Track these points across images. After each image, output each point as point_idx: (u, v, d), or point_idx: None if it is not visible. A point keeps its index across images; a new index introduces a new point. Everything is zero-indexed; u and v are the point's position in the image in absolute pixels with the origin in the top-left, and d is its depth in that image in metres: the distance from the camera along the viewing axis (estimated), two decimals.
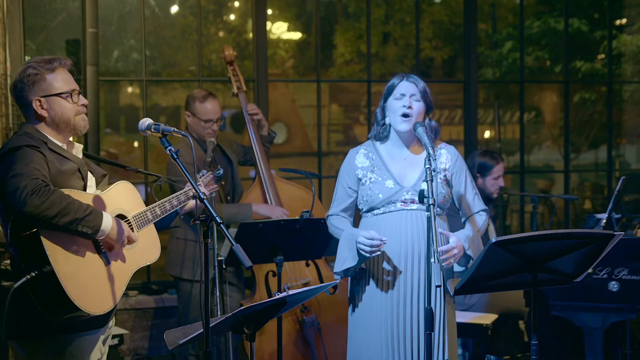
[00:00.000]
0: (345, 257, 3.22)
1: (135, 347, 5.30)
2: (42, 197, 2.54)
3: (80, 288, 2.63)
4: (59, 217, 2.56)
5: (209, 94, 4.52)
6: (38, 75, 2.79)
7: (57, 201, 2.56)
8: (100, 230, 2.67)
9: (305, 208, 4.34)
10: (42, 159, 2.69)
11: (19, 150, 2.67)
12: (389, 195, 3.23)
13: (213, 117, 4.46)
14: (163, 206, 3.06)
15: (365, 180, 3.31)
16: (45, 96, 2.80)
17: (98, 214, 2.68)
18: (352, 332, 3.36)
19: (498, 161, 4.81)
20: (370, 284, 3.27)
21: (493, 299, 4.65)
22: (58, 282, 2.58)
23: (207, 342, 2.54)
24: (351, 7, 8.56)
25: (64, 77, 2.84)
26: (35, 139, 2.75)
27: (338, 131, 9.56)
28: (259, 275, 4.49)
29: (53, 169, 2.72)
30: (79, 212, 2.61)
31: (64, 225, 2.58)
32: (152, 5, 6.97)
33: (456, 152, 3.38)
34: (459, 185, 3.34)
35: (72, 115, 2.84)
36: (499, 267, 2.78)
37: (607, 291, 3.94)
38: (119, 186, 2.96)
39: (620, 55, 7.64)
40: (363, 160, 3.35)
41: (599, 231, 2.95)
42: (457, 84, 7.17)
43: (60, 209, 2.56)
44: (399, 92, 3.27)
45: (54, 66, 2.82)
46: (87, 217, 2.63)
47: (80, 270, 2.67)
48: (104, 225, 2.68)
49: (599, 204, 7.93)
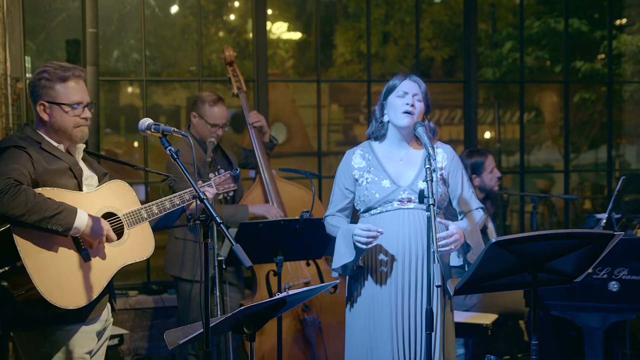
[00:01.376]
0: (343, 253, 3.22)
1: (135, 347, 5.30)
2: (9, 196, 2.64)
3: (51, 283, 2.72)
4: (26, 215, 2.66)
5: (219, 99, 4.51)
6: (49, 81, 2.89)
7: (24, 200, 2.65)
8: (72, 227, 2.74)
9: (305, 208, 4.35)
10: (27, 159, 2.78)
11: (6, 150, 2.79)
12: (386, 195, 3.23)
13: (220, 122, 4.46)
14: (162, 204, 3.07)
15: (362, 180, 3.31)
16: (49, 102, 2.90)
17: (71, 212, 2.74)
18: (350, 331, 3.36)
19: (486, 155, 4.85)
20: (368, 283, 3.27)
21: (493, 299, 4.65)
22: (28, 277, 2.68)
23: (207, 342, 2.55)
24: (351, 7, 8.55)
25: (75, 88, 2.93)
26: (26, 139, 2.86)
27: (338, 131, 9.56)
28: (260, 274, 4.49)
29: (40, 168, 2.81)
30: (48, 211, 2.69)
31: (33, 223, 2.67)
32: (152, 5, 6.97)
33: (452, 151, 3.39)
34: (456, 183, 3.35)
35: (71, 127, 2.92)
36: (499, 267, 2.78)
37: (607, 291, 3.94)
38: (111, 185, 3.02)
39: (620, 55, 7.64)
40: (359, 161, 3.35)
41: (599, 231, 2.95)
42: (457, 84, 7.16)
43: (28, 208, 2.65)
44: (402, 90, 3.27)
45: (67, 75, 2.91)
46: (57, 216, 2.70)
47: (52, 266, 2.75)
48: (76, 223, 2.75)
49: (599, 204, 7.93)
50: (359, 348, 3.30)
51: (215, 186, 3.50)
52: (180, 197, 3.14)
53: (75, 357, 2.90)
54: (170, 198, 3.12)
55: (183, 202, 3.15)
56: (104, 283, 2.90)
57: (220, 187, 3.53)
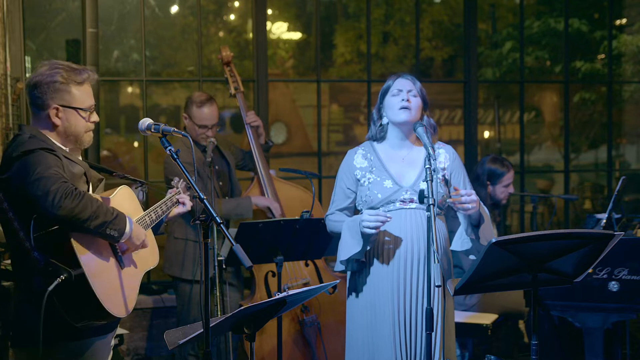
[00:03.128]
0: (350, 244, 3.20)
1: (135, 347, 5.30)
2: (75, 201, 2.52)
3: (107, 291, 2.63)
4: (90, 220, 2.55)
5: (208, 100, 4.46)
6: (64, 84, 2.76)
7: (88, 204, 2.55)
8: (125, 233, 2.67)
9: (304, 208, 4.35)
10: (59, 162, 2.66)
11: (34, 153, 2.63)
12: (388, 195, 3.24)
13: (208, 123, 4.42)
14: (156, 212, 3.05)
15: (364, 180, 3.32)
16: (64, 106, 2.77)
17: (122, 217, 2.67)
18: (350, 329, 3.36)
19: (509, 169, 4.75)
20: (370, 281, 3.27)
21: (493, 299, 4.65)
22: (86, 285, 2.56)
23: (207, 342, 2.55)
24: (351, 7, 8.55)
25: (88, 92, 2.84)
26: (45, 143, 2.72)
27: (338, 131, 9.56)
28: (259, 275, 4.49)
29: (67, 172, 2.69)
30: (107, 215, 2.60)
31: (95, 228, 2.57)
32: (152, 5, 6.97)
33: (454, 152, 3.40)
34: (458, 184, 3.35)
35: (83, 132, 2.83)
36: (499, 267, 2.78)
37: (607, 291, 3.94)
38: (122, 191, 2.95)
39: (620, 55, 7.64)
40: (361, 161, 3.35)
41: (598, 231, 2.95)
42: (457, 84, 7.17)
43: (92, 212, 2.55)
44: (396, 89, 3.29)
45: (83, 79, 2.80)
46: (114, 220, 2.62)
47: (105, 274, 2.66)
48: (127, 228, 2.68)
49: (599, 204, 7.93)
50: (359, 346, 3.30)
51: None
52: (166, 204, 3.10)
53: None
54: (159, 205, 3.08)
55: (167, 209, 3.11)
56: (137, 290, 2.82)
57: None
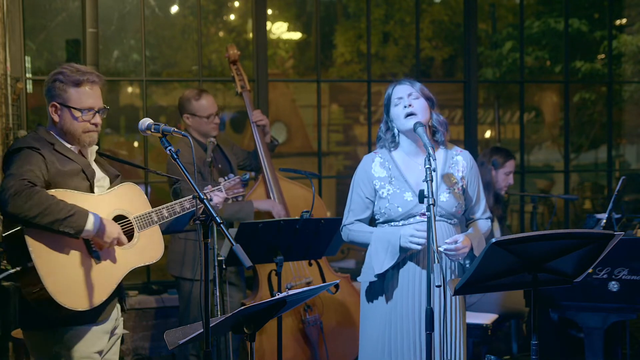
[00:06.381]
0: (382, 259, 3.19)
1: (136, 347, 5.30)
2: (24, 198, 2.66)
3: (61, 284, 2.74)
4: (39, 217, 2.67)
5: (201, 91, 4.53)
6: (63, 84, 2.91)
7: (38, 202, 2.67)
8: (84, 230, 2.75)
9: (308, 207, 4.34)
10: (41, 160, 2.80)
11: (20, 151, 2.80)
12: (409, 209, 3.21)
13: (212, 111, 4.48)
14: (172, 208, 3.08)
15: (383, 192, 3.27)
16: (60, 104, 2.92)
17: (82, 214, 2.75)
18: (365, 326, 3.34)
19: (512, 157, 4.98)
20: (390, 287, 3.25)
21: (493, 299, 4.65)
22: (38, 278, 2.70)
23: (207, 342, 2.55)
24: (351, 7, 8.56)
25: (88, 93, 2.94)
26: (40, 140, 2.87)
27: (338, 131, 9.55)
28: (262, 274, 4.49)
29: (53, 169, 2.81)
30: (61, 213, 2.70)
31: (45, 225, 2.69)
32: (152, 5, 6.97)
33: (471, 158, 3.38)
34: (473, 192, 3.35)
35: (79, 131, 2.94)
36: (499, 267, 2.78)
37: (607, 291, 3.94)
38: (123, 187, 3.03)
39: (620, 55, 7.64)
40: (380, 170, 3.30)
41: (599, 231, 2.94)
42: (457, 84, 7.16)
43: (41, 210, 2.67)
44: (396, 97, 3.27)
45: (82, 80, 2.92)
46: (69, 218, 2.71)
47: (62, 267, 2.76)
48: (88, 225, 2.76)
49: (599, 204, 7.94)
50: (375, 344, 3.28)
51: (225, 191, 3.50)
52: (190, 202, 3.14)
53: (85, 356, 2.91)
54: (180, 202, 3.12)
55: (193, 206, 3.14)
56: (114, 285, 2.91)
57: (229, 192, 3.54)
